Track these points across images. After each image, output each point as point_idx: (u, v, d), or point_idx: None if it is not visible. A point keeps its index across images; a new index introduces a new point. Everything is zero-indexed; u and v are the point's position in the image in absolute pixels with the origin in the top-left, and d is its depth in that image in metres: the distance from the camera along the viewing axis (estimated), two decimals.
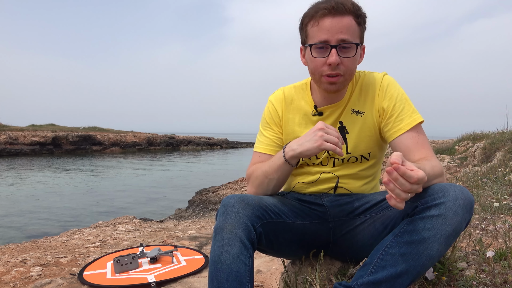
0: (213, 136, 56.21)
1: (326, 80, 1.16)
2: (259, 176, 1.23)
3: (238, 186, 10.71)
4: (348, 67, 1.14)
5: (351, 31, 1.11)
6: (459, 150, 7.88)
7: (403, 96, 1.20)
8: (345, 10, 1.09)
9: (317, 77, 1.19)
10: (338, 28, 1.10)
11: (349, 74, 1.16)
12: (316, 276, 1.21)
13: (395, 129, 1.17)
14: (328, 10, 1.10)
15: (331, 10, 1.09)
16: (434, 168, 1.02)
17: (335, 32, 1.10)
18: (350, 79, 1.19)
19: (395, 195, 0.83)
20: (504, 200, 2.40)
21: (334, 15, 1.10)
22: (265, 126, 1.36)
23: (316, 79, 1.20)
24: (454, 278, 1.17)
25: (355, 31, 1.12)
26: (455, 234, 0.92)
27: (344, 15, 1.10)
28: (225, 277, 0.99)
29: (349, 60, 1.13)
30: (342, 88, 1.20)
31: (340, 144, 1.05)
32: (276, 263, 2.48)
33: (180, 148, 40.88)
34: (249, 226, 1.04)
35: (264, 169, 1.21)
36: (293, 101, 1.34)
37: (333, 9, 1.09)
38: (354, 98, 1.26)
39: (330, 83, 1.16)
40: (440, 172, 1.05)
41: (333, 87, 1.17)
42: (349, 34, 1.11)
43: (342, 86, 1.19)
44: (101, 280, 2.59)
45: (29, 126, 35.49)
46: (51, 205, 10.46)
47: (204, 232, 4.75)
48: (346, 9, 1.09)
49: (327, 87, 1.18)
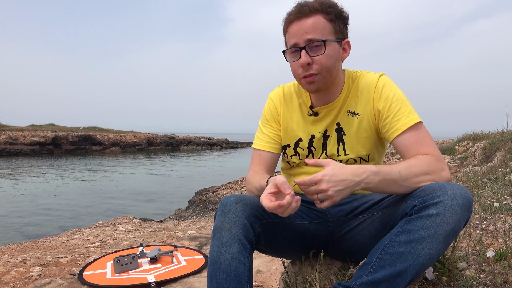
0: (213, 136, 56.23)
1: (304, 81, 1.19)
2: (250, 191, 1.26)
3: (238, 186, 10.71)
4: (321, 65, 1.14)
5: (318, 30, 1.12)
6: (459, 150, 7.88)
7: (399, 97, 1.18)
8: (309, 11, 1.12)
9: (297, 80, 1.23)
10: (304, 30, 1.13)
11: (326, 71, 1.16)
12: (316, 276, 1.21)
13: (393, 129, 1.16)
14: (293, 15, 1.14)
15: (296, 14, 1.14)
16: (411, 168, 1.02)
17: (301, 34, 1.13)
18: (330, 76, 1.18)
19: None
20: (504, 200, 2.40)
21: (299, 18, 1.13)
22: (265, 122, 1.37)
23: (299, 82, 1.24)
24: (454, 278, 1.16)
25: (324, 28, 1.13)
26: (453, 233, 0.92)
27: (309, 16, 1.12)
28: (224, 277, 0.99)
29: (321, 58, 1.14)
30: (323, 86, 1.19)
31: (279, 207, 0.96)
32: (276, 263, 2.48)
33: (180, 148, 40.89)
34: (247, 226, 1.04)
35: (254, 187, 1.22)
36: (292, 98, 1.34)
37: (298, 13, 1.13)
38: (350, 98, 1.26)
39: (308, 83, 1.18)
40: (423, 170, 1.03)
41: (312, 86, 1.18)
42: (316, 33, 1.12)
43: (322, 85, 1.18)
44: (101, 280, 2.59)
45: (29, 126, 35.50)
46: (51, 205, 10.46)
47: (204, 232, 4.75)
48: (311, 9, 1.12)
49: (308, 88, 1.20)
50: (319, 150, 1.31)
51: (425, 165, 1.04)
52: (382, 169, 1.01)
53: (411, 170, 1.02)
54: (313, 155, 1.31)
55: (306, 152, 1.31)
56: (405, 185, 1.02)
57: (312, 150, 1.31)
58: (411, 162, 1.05)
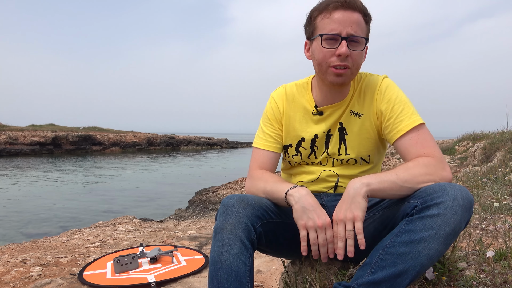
0: (213, 136, 56.21)
1: (333, 72, 1.16)
2: (258, 191, 1.22)
3: (238, 186, 10.70)
4: (355, 61, 1.15)
5: (360, 27, 1.14)
6: (459, 150, 7.88)
7: (402, 99, 1.19)
8: (356, 6, 1.13)
9: (324, 68, 1.18)
10: (349, 22, 1.12)
11: (356, 68, 1.17)
12: (316, 276, 1.21)
13: (395, 131, 1.17)
14: (340, 3, 1.13)
15: (344, 4, 1.13)
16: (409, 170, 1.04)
17: (346, 25, 1.12)
18: (356, 74, 1.20)
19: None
20: (504, 200, 2.40)
21: (346, 8, 1.13)
22: (266, 122, 1.36)
23: (323, 70, 1.19)
24: (454, 278, 1.16)
25: (363, 27, 1.15)
26: (454, 233, 0.92)
27: (354, 11, 1.13)
28: (225, 277, 0.99)
29: (357, 54, 1.15)
30: (348, 82, 1.20)
31: (325, 251, 1.06)
32: (276, 263, 2.48)
33: (180, 148, 40.88)
34: (249, 226, 1.04)
35: (264, 189, 1.20)
36: (294, 98, 1.34)
37: (345, 2, 1.13)
38: (354, 99, 1.26)
39: (337, 74, 1.16)
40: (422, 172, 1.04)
41: (339, 79, 1.16)
42: (358, 29, 1.13)
43: (348, 80, 1.18)
44: (101, 280, 2.59)
45: (29, 126, 35.50)
46: (51, 205, 10.46)
47: (204, 232, 4.75)
48: (357, 5, 1.14)
49: (334, 79, 1.17)
50: (321, 149, 1.31)
51: (424, 167, 1.05)
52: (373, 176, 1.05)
53: (409, 171, 1.03)
54: (315, 154, 1.31)
55: (308, 151, 1.31)
56: (406, 186, 1.02)
57: (315, 149, 1.31)
58: (409, 165, 1.07)
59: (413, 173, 1.03)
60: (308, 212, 1.04)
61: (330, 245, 1.04)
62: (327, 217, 1.05)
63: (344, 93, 1.26)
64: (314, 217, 1.04)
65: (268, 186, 1.18)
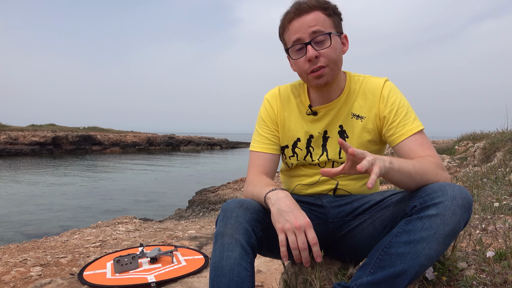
0: (213, 136, 56.21)
1: (313, 76, 1.18)
2: (248, 195, 1.22)
3: (238, 186, 10.70)
4: (328, 57, 1.16)
5: (320, 23, 1.15)
6: (459, 150, 7.87)
7: (404, 103, 1.21)
8: (309, 8, 1.15)
9: (304, 77, 1.22)
10: (306, 26, 1.14)
11: (333, 63, 1.17)
12: (316, 276, 1.21)
13: (398, 134, 1.17)
14: (293, 13, 1.16)
15: (296, 12, 1.15)
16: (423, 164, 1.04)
17: (304, 30, 1.14)
18: (337, 68, 1.20)
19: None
20: (504, 200, 2.40)
21: (299, 15, 1.15)
22: (261, 124, 1.36)
23: (305, 79, 1.23)
24: (454, 278, 1.17)
25: (325, 22, 1.16)
26: (453, 233, 0.92)
27: (309, 12, 1.15)
28: (226, 282, 0.98)
29: (327, 51, 1.15)
30: (331, 79, 1.20)
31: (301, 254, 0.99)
32: (276, 263, 2.48)
33: (180, 148, 40.88)
34: (249, 230, 1.04)
35: (252, 193, 1.19)
36: (289, 99, 1.34)
37: (297, 10, 1.15)
38: (354, 102, 1.26)
39: (316, 77, 1.17)
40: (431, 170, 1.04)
41: (321, 80, 1.18)
42: (319, 27, 1.14)
43: (330, 78, 1.19)
44: (101, 280, 2.59)
45: (29, 126, 35.50)
46: (51, 205, 10.46)
47: (204, 232, 4.75)
48: (310, 6, 1.15)
49: (316, 83, 1.19)
50: (317, 150, 1.30)
51: (434, 165, 1.06)
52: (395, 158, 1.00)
53: (422, 165, 1.03)
54: (311, 155, 1.31)
55: (304, 152, 1.31)
56: (416, 178, 1.01)
57: (310, 150, 1.31)
58: (422, 160, 1.07)
59: (425, 167, 1.03)
60: (285, 214, 1.00)
61: (316, 248, 0.98)
62: (306, 218, 1.00)
63: (336, 93, 1.26)
64: (292, 218, 0.99)
65: (255, 190, 1.17)
